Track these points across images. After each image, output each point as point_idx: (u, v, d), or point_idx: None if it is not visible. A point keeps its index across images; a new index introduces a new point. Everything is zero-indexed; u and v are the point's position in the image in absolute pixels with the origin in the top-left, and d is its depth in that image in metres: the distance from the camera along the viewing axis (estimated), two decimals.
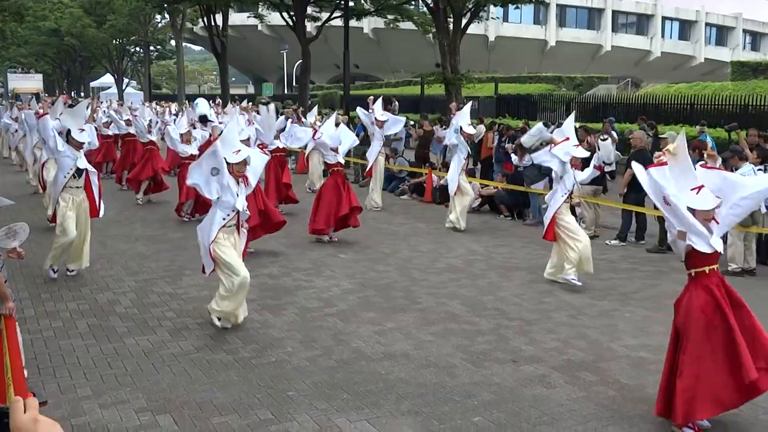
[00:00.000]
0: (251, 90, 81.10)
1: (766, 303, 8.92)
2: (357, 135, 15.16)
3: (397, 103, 36.58)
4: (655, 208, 12.19)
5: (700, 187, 5.25)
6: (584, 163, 10.23)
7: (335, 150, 12.21)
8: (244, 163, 7.47)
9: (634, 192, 12.48)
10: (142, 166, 16.43)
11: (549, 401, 5.96)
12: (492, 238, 12.98)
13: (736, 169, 10.75)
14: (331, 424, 5.45)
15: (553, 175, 9.97)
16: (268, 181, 14.28)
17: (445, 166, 17.69)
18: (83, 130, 9.37)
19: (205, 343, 7.20)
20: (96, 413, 5.60)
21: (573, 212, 10.83)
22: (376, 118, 15.75)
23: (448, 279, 9.97)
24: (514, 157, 15.13)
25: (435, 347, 7.22)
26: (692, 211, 5.21)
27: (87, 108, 11.16)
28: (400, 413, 5.69)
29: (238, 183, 7.49)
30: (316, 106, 16.11)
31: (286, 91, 63.91)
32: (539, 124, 10.39)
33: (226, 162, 7.35)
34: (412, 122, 23.22)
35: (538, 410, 5.78)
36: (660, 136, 14.41)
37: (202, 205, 12.89)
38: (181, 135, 14.21)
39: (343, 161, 12.61)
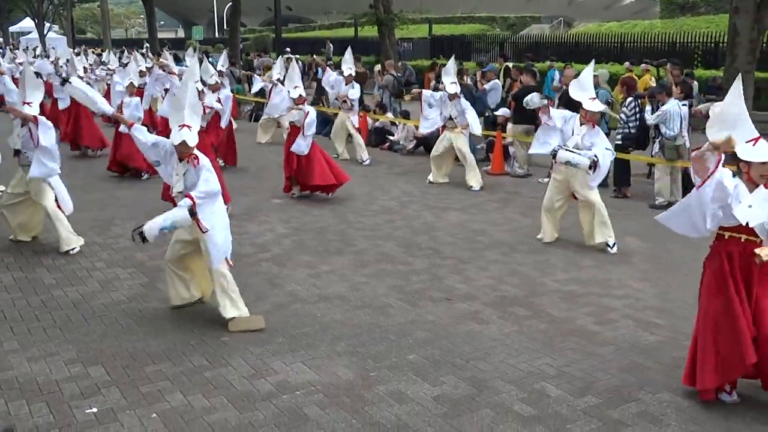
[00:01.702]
0: (181, 34, 78.97)
1: None
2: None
3: (331, 45, 36.19)
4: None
5: (756, 139, 4.63)
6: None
7: None
8: (185, 145, 5.99)
9: None
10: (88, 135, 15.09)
11: (482, 336, 6.06)
12: (426, 179, 12.99)
13: (663, 105, 10.97)
14: (266, 368, 5.44)
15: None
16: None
17: (381, 108, 17.61)
18: None
19: (137, 293, 7.08)
20: (24, 367, 5.47)
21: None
22: None
23: (383, 221, 9.99)
24: None
25: (370, 288, 7.25)
26: (748, 164, 4.64)
27: None
28: (335, 354, 5.72)
29: (180, 161, 6.13)
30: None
31: (217, 35, 62.39)
32: (533, 95, 9.01)
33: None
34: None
35: (471, 345, 5.87)
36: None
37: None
38: (126, 87, 12.85)
39: None
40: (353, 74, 14.83)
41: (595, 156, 8.25)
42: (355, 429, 4.61)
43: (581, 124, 8.57)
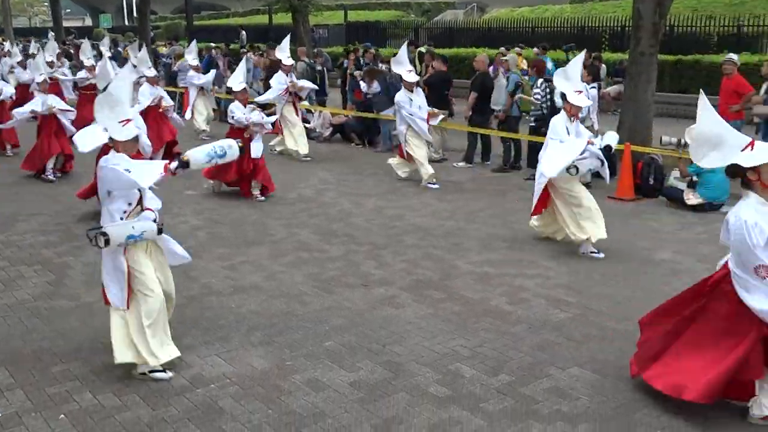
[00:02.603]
0: (88, 22, 76.41)
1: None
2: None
3: (244, 33, 35.67)
4: (499, 128, 12.62)
5: (751, 143, 4.27)
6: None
7: None
8: (136, 140, 5.29)
9: (479, 114, 12.82)
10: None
11: (398, 320, 6.11)
12: (343, 167, 13.01)
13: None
14: (179, 362, 5.35)
15: None
16: None
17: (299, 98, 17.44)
18: None
19: (42, 291, 6.85)
20: None
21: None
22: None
23: (299, 209, 9.94)
24: (363, 85, 15.12)
25: (286, 277, 7.21)
26: (757, 170, 4.29)
27: None
28: (251, 345, 5.67)
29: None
30: None
31: (126, 23, 60.69)
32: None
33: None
34: (261, 52, 22.60)
35: (387, 330, 5.91)
36: (503, 58, 14.75)
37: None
38: (38, 84, 11.91)
39: None
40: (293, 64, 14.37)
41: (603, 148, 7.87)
42: (270, 419, 4.58)
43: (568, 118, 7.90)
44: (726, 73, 11.97)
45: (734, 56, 12.30)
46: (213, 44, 24.97)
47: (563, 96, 7.96)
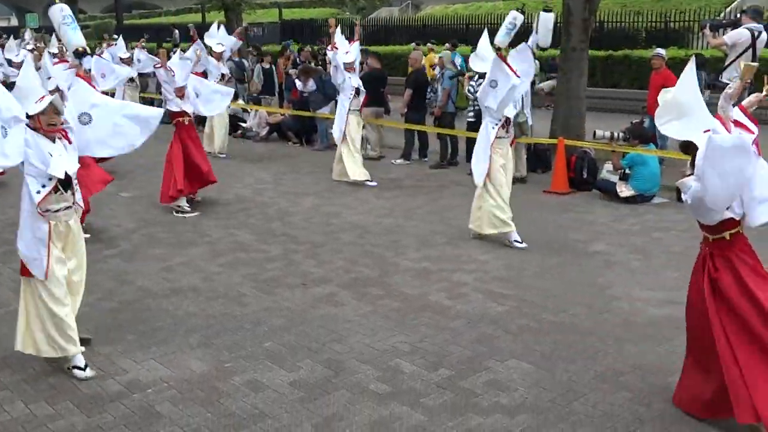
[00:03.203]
0: (14, 22, 74.14)
1: (535, 205, 9.65)
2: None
3: (177, 32, 35.09)
4: (436, 125, 12.70)
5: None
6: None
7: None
8: (54, 110, 4.92)
9: (414, 112, 12.88)
10: None
11: (338, 319, 6.09)
12: (281, 166, 12.94)
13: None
14: (115, 368, 5.24)
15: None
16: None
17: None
18: None
19: None
20: None
21: None
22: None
23: (237, 209, 9.84)
24: (298, 83, 15.05)
25: (224, 278, 7.13)
26: None
27: None
28: (189, 347, 5.59)
29: (54, 141, 4.97)
30: None
31: None
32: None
33: (28, 116, 4.85)
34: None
35: (327, 329, 5.89)
36: (439, 55, 14.85)
37: None
38: None
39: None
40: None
41: None
42: (209, 422, 4.52)
43: None
44: (654, 68, 12.27)
45: (662, 51, 12.62)
46: (144, 43, 24.48)
47: (484, 75, 8.10)
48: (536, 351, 5.43)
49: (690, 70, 4.23)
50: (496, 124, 7.95)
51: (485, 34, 8.37)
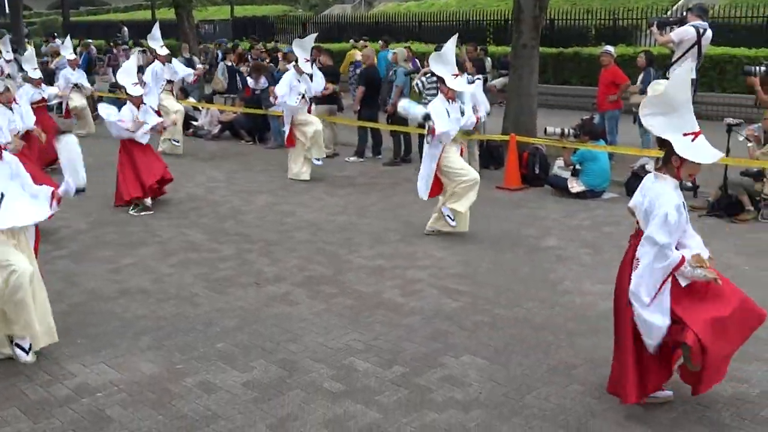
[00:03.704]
0: None
1: (488, 201, 9.71)
2: None
3: (126, 29, 34.55)
4: (389, 122, 12.68)
5: (696, 134, 4.14)
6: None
7: None
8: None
9: (367, 108, 12.86)
10: None
11: (292, 318, 6.05)
12: (233, 164, 12.82)
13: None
14: (63, 372, 5.12)
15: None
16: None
17: (183, 92, 17.05)
18: None
19: None
20: None
21: None
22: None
23: (188, 209, 9.72)
24: (250, 80, 14.93)
25: (175, 278, 7.03)
26: (682, 160, 4.16)
27: None
28: (139, 350, 5.49)
29: None
30: None
31: None
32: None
33: None
34: (141, 48, 21.94)
35: (281, 328, 5.85)
36: (393, 51, 14.84)
37: None
38: None
39: None
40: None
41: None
42: (161, 424, 4.45)
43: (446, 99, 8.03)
44: (603, 65, 12.44)
45: (610, 48, 12.80)
46: (91, 41, 24.09)
47: (441, 80, 8.02)
48: (490, 346, 5.46)
49: (687, 69, 4.23)
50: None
51: (454, 39, 8.20)
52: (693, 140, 4.12)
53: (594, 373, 4.99)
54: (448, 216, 8.10)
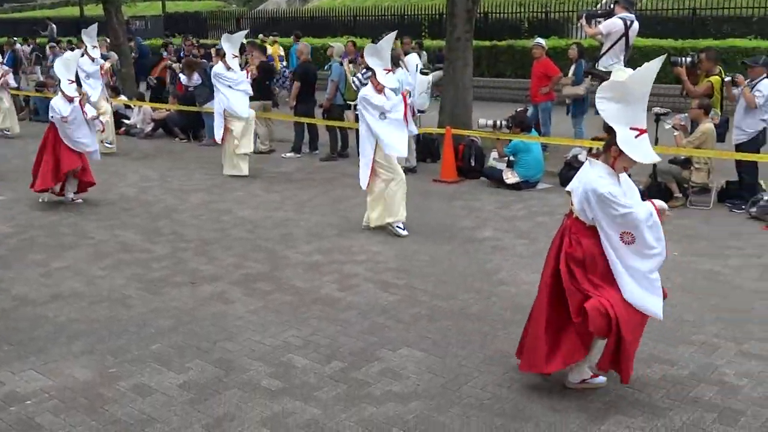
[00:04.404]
0: None
1: (425, 194, 9.78)
2: None
3: (54, 26, 33.63)
4: (325, 117, 12.64)
5: (642, 131, 4.20)
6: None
7: None
8: None
9: (303, 104, 12.79)
10: None
11: (228, 317, 5.98)
12: (167, 162, 12.61)
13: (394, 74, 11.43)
14: None
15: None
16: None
17: (114, 90, 16.69)
18: None
19: None
20: None
21: None
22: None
23: (120, 209, 9.52)
24: (182, 77, 14.70)
25: (108, 281, 6.88)
26: (620, 152, 4.23)
27: None
28: (71, 355, 5.35)
29: None
30: None
31: None
32: None
33: None
34: (72, 46, 21.38)
35: (218, 327, 5.77)
36: (330, 45, 14.78)
37: None
38: None
39: None
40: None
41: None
42: (94, 430, 4.34)
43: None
44: (535, 57, 12.61)
45: (542, 41, 12.99)
46: (16, 38, 23.39)
47: (373, 72, 8.03)
48: (428, 338, 5.49)
49: (656, 62, 4.24)
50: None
51: (392, 35, 8.20)
52: (637, 137, 4.19)
53: None
54: (398, 227, 8.08)
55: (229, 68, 10.99)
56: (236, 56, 11.19)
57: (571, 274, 4.40)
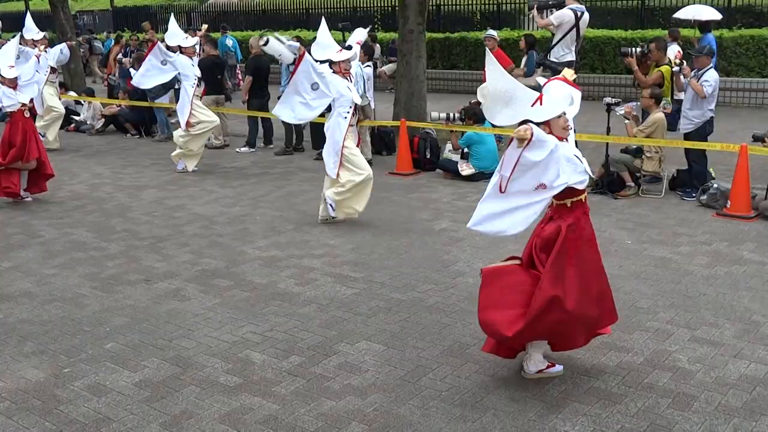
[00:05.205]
0: None
1: (381, 186, 9.75)
2: None
3: None
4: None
5: (540, 97, 4.29)
6: None
7: None
8: None
9: (256, 98, 12.68)
10: None
11: (184, 314, 5.91)
12: (119, 159, 12.41)
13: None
14: None
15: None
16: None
17: (63, 86, 16.36)
18: None
19: None
20: None
21: None
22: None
23: (71, 207, 9.34)
24: (134, 72, 14.43)
25: (60, 280, 6.75)
26: (547, 123, 4.31)
27: None
28: (23, 356, 5.24)
29: None
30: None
31: None
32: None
33: None
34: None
35: (174, 324, 5.70)
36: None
37: None
38: None
39: None
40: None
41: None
42: (49, 431, 4.28)
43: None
44: (488, 49, 12.67)
45: (494, 32, 13.09)
46: None
47: (329, 61, 8.04)
48: (386, 331, 5.50)
49: (489, 58, 4.37)
50: (347, 114, 7.97)
51: (323, 23, 8.31)
52: (541, 104, 4.28)
53: None
54: (330, 205, 8.09)
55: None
56: (187, 37, 11.08)
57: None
